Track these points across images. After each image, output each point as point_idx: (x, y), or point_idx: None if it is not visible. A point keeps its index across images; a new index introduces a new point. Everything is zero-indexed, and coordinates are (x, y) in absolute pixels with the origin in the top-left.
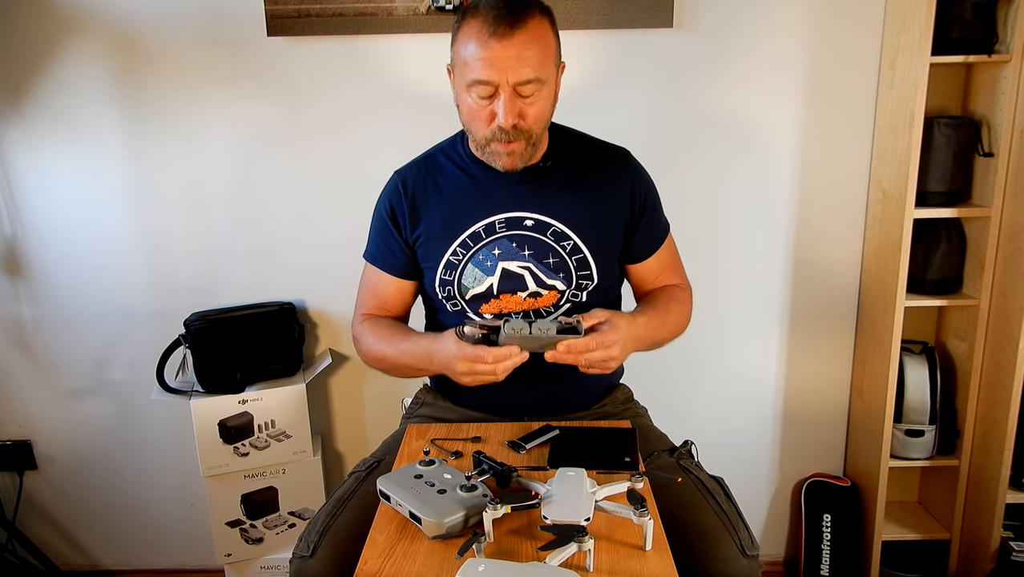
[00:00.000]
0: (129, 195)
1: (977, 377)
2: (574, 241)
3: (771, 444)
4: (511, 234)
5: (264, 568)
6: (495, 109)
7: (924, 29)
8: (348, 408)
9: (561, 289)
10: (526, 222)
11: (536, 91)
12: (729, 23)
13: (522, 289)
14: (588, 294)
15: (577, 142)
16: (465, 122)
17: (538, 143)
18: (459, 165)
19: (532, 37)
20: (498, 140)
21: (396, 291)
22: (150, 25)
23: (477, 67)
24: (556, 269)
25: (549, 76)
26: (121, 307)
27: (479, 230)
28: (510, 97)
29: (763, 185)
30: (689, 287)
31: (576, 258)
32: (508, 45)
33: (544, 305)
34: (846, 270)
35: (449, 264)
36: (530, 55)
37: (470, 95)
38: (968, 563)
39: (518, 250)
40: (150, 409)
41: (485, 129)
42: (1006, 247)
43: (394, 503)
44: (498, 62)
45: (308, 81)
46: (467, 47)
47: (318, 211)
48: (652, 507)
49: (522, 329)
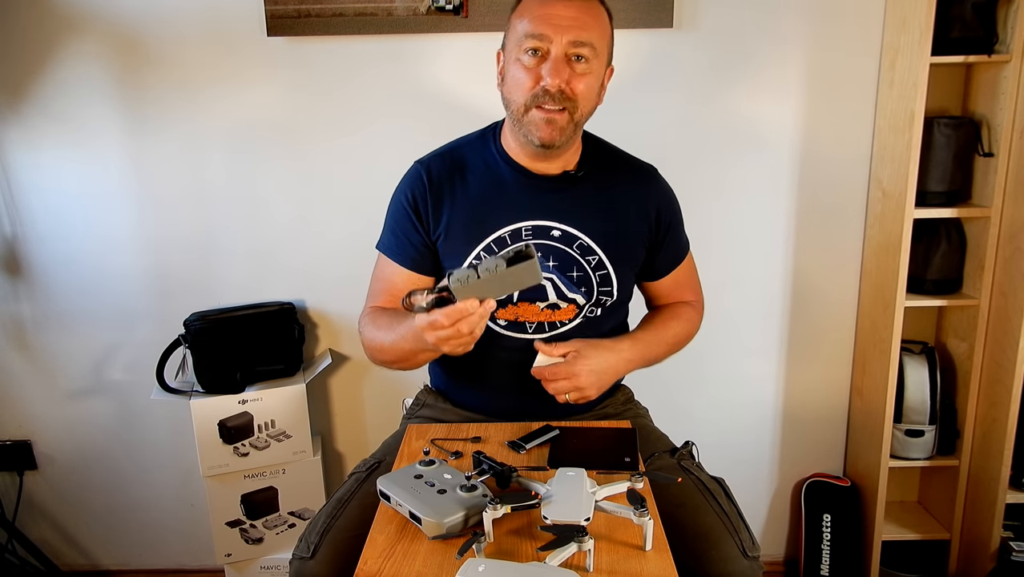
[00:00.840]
0: (129, 195)
1: (977, 377)
2: (599, 257)
3: (771, 444)
4: (537, 243)
5: (264, 568)
6: (542, 71)
7: (924, 29)
8: (348, 408)
9: (581, 304)
10: (553, 232)
11: (588, 60)
12: (729, 23)
13: (542, 299)
14: (604, 310)
15: (608, 155)
16: (508, 91)
17: (579, 126)
18: (488, 163)
19: (593, 9)
20: (539, 104)
21: (410, 285)
22: (150, 25)
23: (534, 22)
24: (579, 283)
25: (602, 51)
26: (121, 307)
27: (505, 235)
28: (560, 59)
29: (763, 185)
30: (701, 304)
31: (600, 274)
32: (569, 6)
33: (561, 318)
34: (846, 270)
35: None
36: (588, 20)
37: (520, 56)
38: (968, 563)
39: (543, 260)
40: (150, 409)
41: (528, 93)
42: (1006, 247)
43: (394, 503)
44: (556, 19)
45: (308, 81)
46: (528, 9)
47: (318, 211)
48: (652, 507)
49: (469, 277)
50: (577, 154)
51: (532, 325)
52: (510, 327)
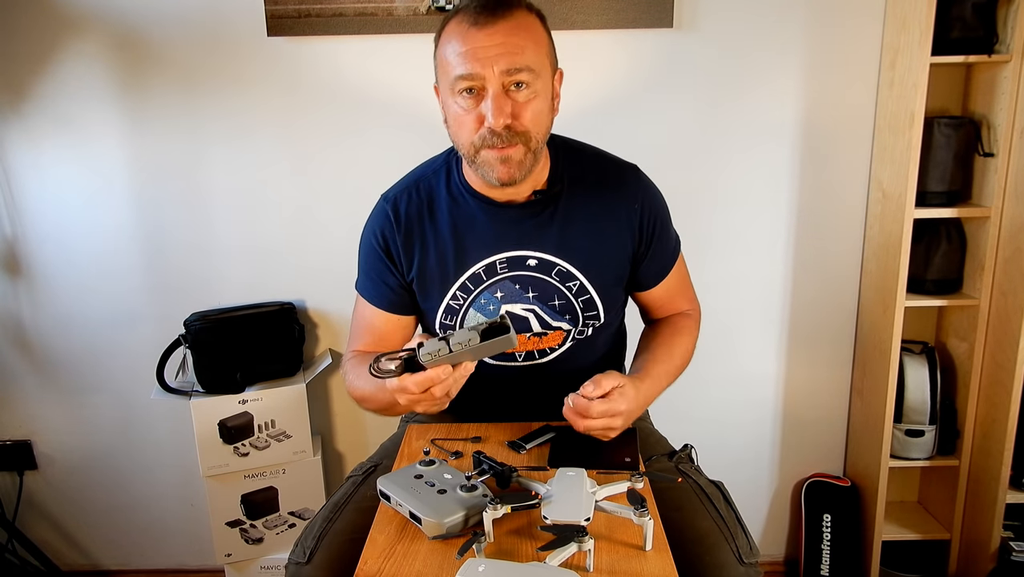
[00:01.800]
0: (129, 195)
1: (977, 377)
2: (580, 282)
3: (771, 444)
4: (513, 275)
5: (264, 568)
6: (483, 110)
7: (924, 29)
8: (348, 408)
9: (567, 329)
10: (529, 261)
11: (529, 84)
12: (729, 23)
13: (527, 330)
14: (594, 330)
15: (581, 162)
16: (453, 135)
17: (539, 153)
18: (454, 195)
19: (519, 26)
20: (488, 145)
21: (393, 328)
22: (151, 25)
23: (458, 62)
24: (562, 311)
25: (542, 69)
26: (121, 307)
27: (479, 272)
28: (499, 92)
29: (763, 185)
30: (697, 309)
31: (583, 299)
32: (492, 33)
33: (549, 345)
34: (846, 270)
35: (449, 308)
36: (518, 42)
37: (456, 99)
38: (968, 563)
39: (521, 292)
40: (150, 409)
41: (473, 135)
42: (1006, 247)
43: (394, 503)
44: (482, 52)
45: (308, 81)
46: (448, 46)
47: (318, 211)
48: (652, 507)
49: (440, 351)
50: (546, 169)
51: (521, 355)
52: (498, 357)
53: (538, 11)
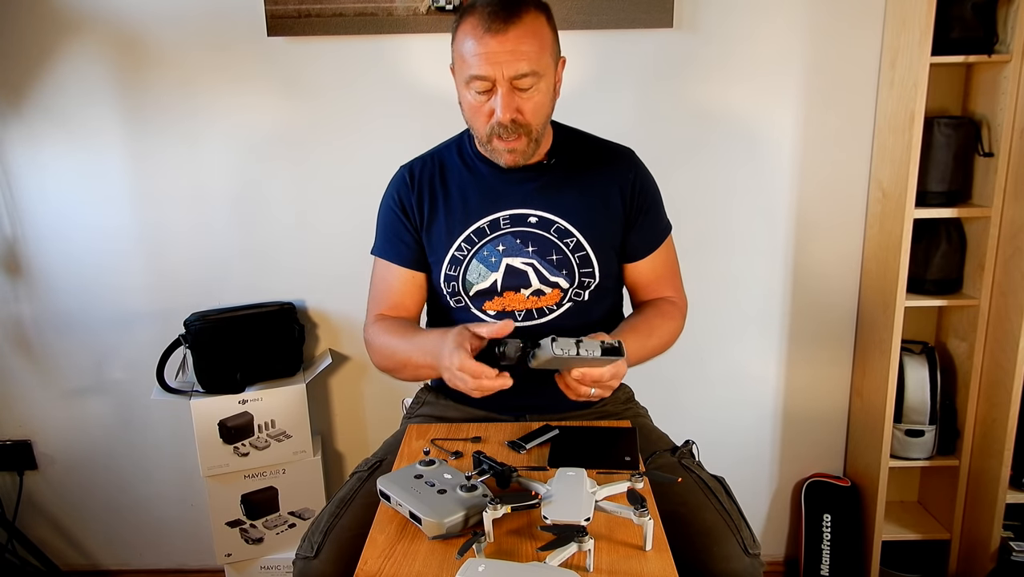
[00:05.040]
0: (129, 195)
1: (977, 377)
2: (577, 238)
3: (771, 444)
4: (515, 230)
5: (264, 568)
6: (493, 105)
7: (924, 29)
8: (348, 408)
9: (564, 287)
10: (530, 219)
11: (533, 85)
12: (729, 23)
13: (526, 286)
14: (590, 293)
15: (580, 140)
16: (467, 119)
17: (540, 139)
18: (465, 162)
19: (527, 32)
20: (498, 136)
21: (409, 285)
22: (150, 25)
23: (474, 63)
24: (559, 266)
25: (546, 70)
26: (121, 307)
27: (483, 226)
28: (507, 92)
29: (763, 185)
30: (683, 301)
31: (579, 256)
32: (503, 40)
33: (547, 304)
34: (846, 270)
35: (454, 259)
36: (525, 49)
37: (469, 92)
38: (968, 563)
39: (522, 246)
40: (150, 409)
41: (485, 125)
42: (1006, 247)
43: (394, 503)
44: (493, 57)
45: (308, 81)
46: (464, 44)
47: (318, 211)
48: (652, 507)
49: (568, 350)
50: (548, 144)
51: (520, 313)
52: (498, 317)
53: (545, 6)
